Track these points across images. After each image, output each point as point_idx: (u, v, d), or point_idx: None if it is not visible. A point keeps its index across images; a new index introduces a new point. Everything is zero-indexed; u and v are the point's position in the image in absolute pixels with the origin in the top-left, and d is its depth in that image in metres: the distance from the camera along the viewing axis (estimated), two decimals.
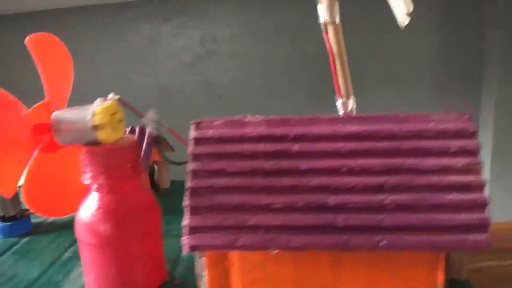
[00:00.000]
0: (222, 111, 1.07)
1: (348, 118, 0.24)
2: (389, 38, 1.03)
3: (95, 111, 0.23)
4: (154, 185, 0.42)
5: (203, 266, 0.24)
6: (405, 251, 0.22)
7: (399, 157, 0.23)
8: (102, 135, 0.24)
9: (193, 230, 0.23)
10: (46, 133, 0.24)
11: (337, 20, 0.32)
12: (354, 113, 0.34)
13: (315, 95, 1.01)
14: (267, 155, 0.24)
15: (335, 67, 0.33)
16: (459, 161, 0.23)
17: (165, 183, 0.42)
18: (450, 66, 1.04)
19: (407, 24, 0.30)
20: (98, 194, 0.25)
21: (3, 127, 0.23)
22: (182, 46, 1.03)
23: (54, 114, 0.24)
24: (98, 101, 0.24)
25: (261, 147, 0.24)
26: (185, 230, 0.23)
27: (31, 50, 0.25)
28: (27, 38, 0.25)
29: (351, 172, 0.23)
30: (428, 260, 0.23)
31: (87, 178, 0.24)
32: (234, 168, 0.23)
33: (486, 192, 0.22)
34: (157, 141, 0.42)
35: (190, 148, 0.24)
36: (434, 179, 0.22)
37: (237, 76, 1.05)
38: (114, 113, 0.24)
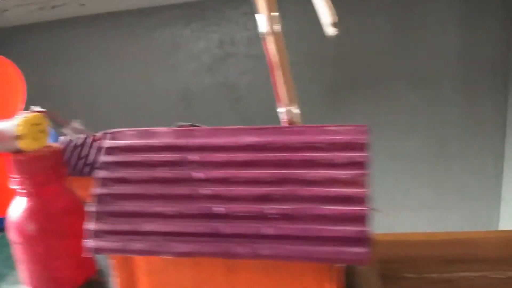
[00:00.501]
0: (241, 113, 1.08)
1: (249, 129, 0.25)
2: (410, 37, 1.00)
3: (18, 122, 0.26)
4: None
5: (113, 268, 0.26)
6: (285, 261, 0.22)
7: (288, 168, 0.24)
8: (23, 144, 0.26)
9: (95, 234, 0.25)
10: None
11: (277, 29, 0.33)
12: (298, 121, 0.34)
13: (333, 97, 1.00)
14: (167, 165, 0.25)
15: (275, 76, 0.34)
16: (345, 173, 0.23)
17: None
18: (476, 63, 0.98)
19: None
20: (24, 197, 0.27)
21: None
22: (201, 49, 1.06)
23: None
24: (23, 113, 0.27)
25: (162, 156, 0.25)
26: (89, 234, 0.25)
27: None
28: None
29: (240, 182, 0.24)
30: (317, 270, 0.23)
31: (14, 183, 0.27)
32: (135, 176, 0.25)
33: (368, 204, 0.22)
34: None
35: (101, 157, 0.26)
36: (317, 190, 0.23)
37: (255, 78, 1.06)
38: (36, 124, 0.27)
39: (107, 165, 0.26)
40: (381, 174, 1.03)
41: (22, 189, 0.27)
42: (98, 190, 0.25)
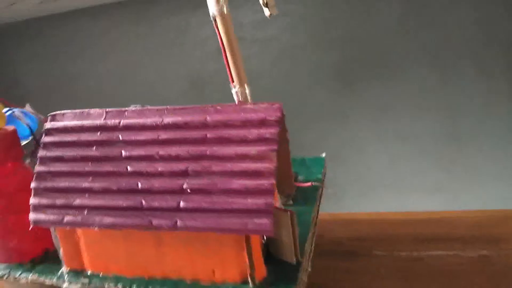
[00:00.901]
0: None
1: (173, 109, 0.26)
2: (421, 13, 0.97)
3: None
4: None
5: (57, 240, 0.28)
6: (200, 232, 0.24)
7: (205, 145, 0.25)
8: None
9: (35, 208, 0.27)
10: None
11: (225, 11, 0.33)
12: (249, 100, 0.35)
13: (342, 79, 1.00)
14: (97, 144, 0.26)
15: (226, 57, 0.34)
16: (255, 149, 0.23)
17: None
18: (490, 39, 0.94)
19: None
20: None
21: None
22: (208, 35, 1.07)
23: None
24: None
25: (93, 136, 0.27)
26: (30, 208, 0.27)
27: None
28: None
29: (161, 159, 0.25)
30: (234, 240, 0.24)
31: None
32: (69, 155, 0.27)
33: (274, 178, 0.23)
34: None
35: (42, 138, 0.28)
36: (229, 165, 0.24)
37: (262, 61, 1.06)
38: None
39: (46, 145, 0.28)
40: (392, 155, 1.02)
41: None
42: (37, 168, 0.27)
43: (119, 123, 0.27)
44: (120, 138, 0.26)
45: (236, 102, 0.35)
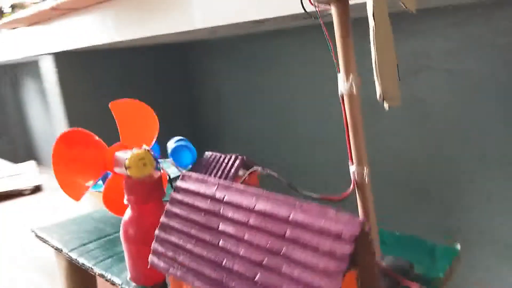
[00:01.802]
0: (427, 130, 1.03)
1: (267, 195, 0.28)
2: None
3: (128, 156, 0.36)
4: None
5: (169, 282, 0.33)
6: None
7: (283, 242, 0.26)
8: (130, 172, 0.36)
9: (153, 251, 0.32)
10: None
11: (355, 91, 0.33)
12: (367, 181, 0.34)
13: None
14: (205, 211, 0.30)
15: (348, 136, 0.35)
16: (324, 263, 0.23)
17: None
18: None
19: None
20: (129, 209, 0.37)
21: (87, 156, 0.38)
22: None
23: (115, 154, 0.38)
24: (135, 149, 0.37)
25: (204, 204, 0.30)
26: (151, 250, 0.32)
27: (113, 112, 0.39)
28: (111, 105, 0.39)
29: (246, 243, 0.27)
30: None
31: (124, 199, 0.37)
32: (184, 215, 0.31)
33: None
34: (248, 167, 0.51)
35: (172, 192, 0.33)
36: (296, 273, 0.24)
37: (450, 94, 0.98)
38: (141, 159, 0.36)
39: (172, 200, 0.33)
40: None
41: (128, 203, 0.37)
42: (162, 219, 0.32)
43: (224, 197, 0.30)
44: (221, 212, 0.29)
45: (352, 182, 0.34)
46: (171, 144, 0.54)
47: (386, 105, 0.29)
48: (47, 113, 1.84)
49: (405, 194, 0.98)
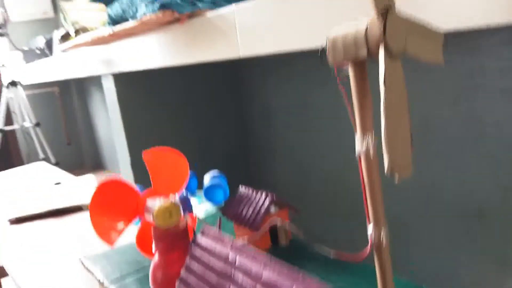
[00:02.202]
0: (484, 149, 0.98)
1: (274, 263, 0.29)
2: None
3: (156, 207, 0.38)
4: (275, 241, 0.52)
5: None
6: None
7: None
8: (156, 222, 0.38)
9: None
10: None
11: (371, 154, 0.33)
12: (385, 243, 0.34)
13: None
14: (217, 271, 0.32)
15: (366, 197, 0.35)
16: None
17: (285, 241, 0.51)
18: None
19: None
20: (156, 255, 0.39)
21: (121, 203, 0.41)
22: (447, 78, 0.98)
23: (147, 201, 0.40)
24: (162, 200, 0.39)
25: (218, 263, 0.32)
26: None
27: (145, 160, 0.42)
28: (144, 154, 0.42)
29: None
30: None
31: (153, 245, 0.39)
32: (199, 272, 0.33)
33: None
34: (281, 205, 0.52)
35: (191, 250, 0.35)
36: None
37: (505, 113, 0.92)
38: (167, 209, 0.38)
39: (192, 256, 0.34)
40: None
41: (155, 250, 0.39)
42: (182, 272, 0.34)
43: (236, 258, 0.31)
44: (232, 274, 0.31)
45: (369, 243, 0.34)
46: (206, 179, 0.57)
47: (396, 178, 0.29)
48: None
49: (459, 218, 0.93)
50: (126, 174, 1.35)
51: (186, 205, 0.47)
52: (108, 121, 2.11)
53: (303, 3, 0.55)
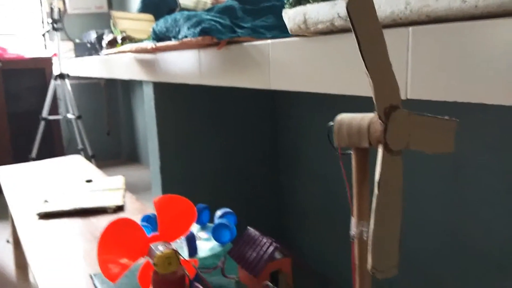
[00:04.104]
0: None
1: None
2: None
3: (156, 255, 0.40)
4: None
5: None
6: None
7: None
8: (156, 268, 0.40)
9: None
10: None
11: (364, 237, 0.34)
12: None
13: None
14: None
15: (355, 277, 0.35)
16: None
17: None
18: None
19: None
20: None
21: (129, 242, 0.43)
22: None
23: (151, 245, 0.42)
24: (163, 247, 0.41)
25: None
26: None
27: (155, 207, 0.44)
28: (154, 202, 0.44)
29: None
30: None
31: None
32: None
33: None
34: (285, 254, 0.53)
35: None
36: None
37: None
38: (167, 257, 0.40)
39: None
40: None
41: None
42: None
43: None
44: None
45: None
46: (217, 215, 0.58)
47: (378, 276, 0.29)
48: None
49: (492, 269, 0.90)
50: (155, 176, 1.39)
51: (191, 246, 0.49)
52: None
53: (336, 49, 0.56)
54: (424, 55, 0.41)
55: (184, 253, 0.50)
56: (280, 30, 0.80)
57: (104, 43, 1.25)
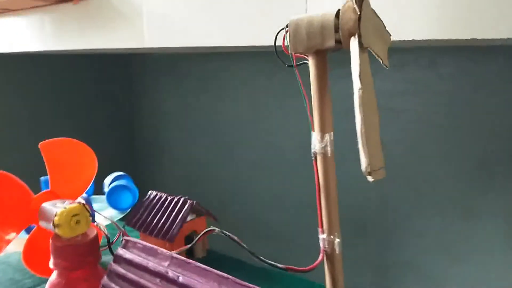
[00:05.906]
0: None
1: (231, 281, 0.23)
2: None
3: (57, 212, 0.30)
4: (191, 253, 0.46)
5: None
6: None
7: None
8: (58, 231, 0.29)
9: None
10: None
11: (329, 152, 0.30)
12: (338, 252, 0.31)
13: (485, 174, 0.87)
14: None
15: (320, 200, 0.31)
16: None
17: (201, 252, 0.46)
18: None
19: None
20: (55, 275, 0.31)
21: (8, 206, 0.31)
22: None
23: (41, 205, 0.31)
24: (67, 203, 0.30)
25: (153, 282, 0.25)
26: None
27: (43, 154, 0.33)
28: (41, 146, 0.33)
29: None
30: None
31: (50, 262, 0.31)
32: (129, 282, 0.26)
33: None
34: (199, 212, 0.46)
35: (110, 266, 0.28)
36: None
37: (389, 133, 0.98)
38: (74, 215, 0.30)
39: (110, 274, 0.27)
40: None
41: (54, 268, 0.30)
42: (104, 281, 0.27)
43: (179, 277, 0.25)
44: None
45: (321, 250, 0.31)
46: (108, 182, 0.48)
47: (370, 179, 0.26)
48: None
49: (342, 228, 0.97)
50: None
51: (90, 208, 0.38)
52: None
53: None
54: None
55: None
56: None
57: None
